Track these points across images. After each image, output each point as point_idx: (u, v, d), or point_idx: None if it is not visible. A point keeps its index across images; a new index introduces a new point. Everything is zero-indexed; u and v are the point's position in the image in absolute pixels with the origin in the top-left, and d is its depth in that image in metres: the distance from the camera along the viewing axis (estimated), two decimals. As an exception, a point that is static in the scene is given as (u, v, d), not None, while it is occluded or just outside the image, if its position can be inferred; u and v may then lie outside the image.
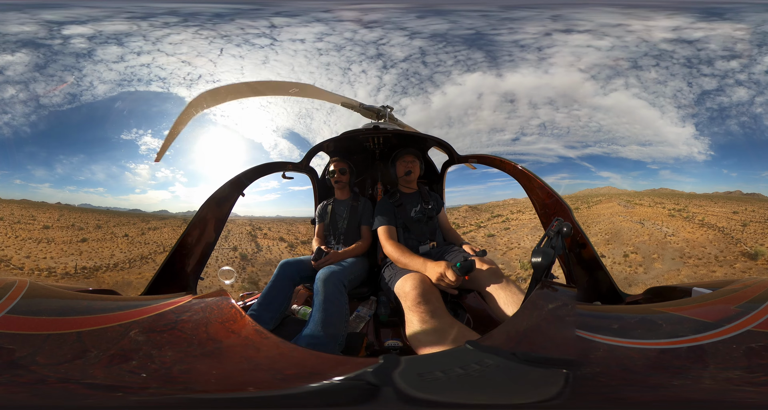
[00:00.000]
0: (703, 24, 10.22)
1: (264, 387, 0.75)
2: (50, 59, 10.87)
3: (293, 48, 12.09)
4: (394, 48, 12.04)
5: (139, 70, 11.97)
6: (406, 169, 2.25)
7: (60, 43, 10.70)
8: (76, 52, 10.93)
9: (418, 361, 0.86)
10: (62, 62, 10.94)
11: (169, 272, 2.03)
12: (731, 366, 0.79)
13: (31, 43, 10.41)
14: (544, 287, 1.07)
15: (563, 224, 1.35)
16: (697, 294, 1.24)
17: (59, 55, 10.85)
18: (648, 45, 10.62)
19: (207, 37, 11.07)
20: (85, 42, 10.88)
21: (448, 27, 11.19)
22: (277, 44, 11.92)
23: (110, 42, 10.92)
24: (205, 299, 1.03)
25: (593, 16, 10.64)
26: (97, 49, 11.09)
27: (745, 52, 9.89)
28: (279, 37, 11.68)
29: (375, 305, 2.15)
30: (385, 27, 11.31)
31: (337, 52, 12.36)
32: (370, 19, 11.24)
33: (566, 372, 0.74)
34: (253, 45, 11.68)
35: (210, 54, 11.45)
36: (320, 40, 12.10)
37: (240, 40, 11.50)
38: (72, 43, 10.81)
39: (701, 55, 10.74)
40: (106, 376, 0.76)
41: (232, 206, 2.42)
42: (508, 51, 11.79)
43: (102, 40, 10.76)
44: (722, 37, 10.22)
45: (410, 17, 11.13)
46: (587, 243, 1.98)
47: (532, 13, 10.83)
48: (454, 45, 11.76)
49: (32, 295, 1.01)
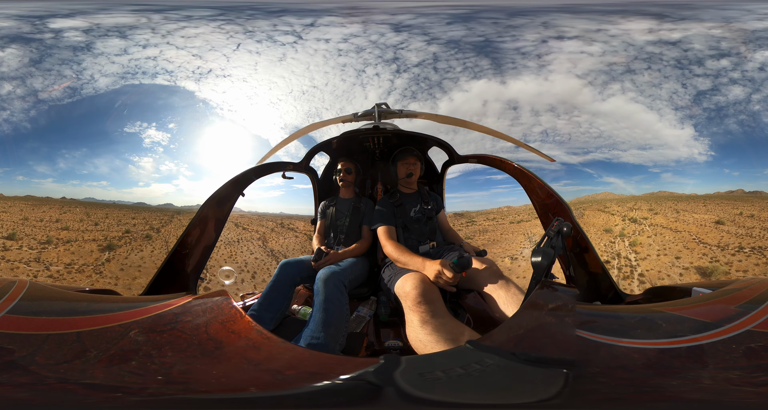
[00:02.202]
0: (669, 25, 10.25)
1: (264, 388, 0.75)
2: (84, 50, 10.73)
3: (315, 47, 11.96)
4: (411, 53, 12.00)
5: (163, 63, 11.86)
6: (407, 171, 2.24)
7: (81, 38, 10.62)
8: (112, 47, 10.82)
9: (419, 361, 0.86)
10: (102, 48, 10.79)
11: (169, 272, 2.03)
12: (731, 366, 0.79)
13: (19, 38, 10.32)
14: (544, 287, 1.07)
15: (563, 224, 1.35)
16: (697, 294, 1.24)
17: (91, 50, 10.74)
18: (635, 48, 10.64)
19: (228, 31, 10.96)
20: (118, 39, 10.79)
21: (464, 34, 11.18)
22: (300, 42, 11.79)
23: (140, 34, 10.82)
24: (205, 300, 1.03)
25: (574, 23, 10.67)
26: (129, 43, 10.99)
27: (739, 49, 9.90)
28: (306, 36, 11.57)
29: (375, 305, 2.15)
30: (412, 31, 11.28)
31: (356, 53, 12.29)
32: (404, 22, 11.19)
33: (566, 372, 0.74)
34: (275, 42, 11.56)
35: (225, 49, 11.32)
36: (345, 41, 12.02)
37: (264, 36, 11.39)
38: (102, 38, 10.71)
39: (689, 55, 10.74)
40: (105, 376, 0.76)
41: (233, 206, 2.42)
42: (511, 58, 11.76)
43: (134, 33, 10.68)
44: (703, 37, 10.24)
45: (441, 23, 11.11)
46: (587, 243, 1.98)
47: (527, 20, 10.87)
48: (465, 51, 11.74)
49: (32, 295, 1.01)
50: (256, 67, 11.86)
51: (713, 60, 10.80)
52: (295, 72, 12.40)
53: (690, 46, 10.55)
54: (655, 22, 10.36)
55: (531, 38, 11.03)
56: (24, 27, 10.14)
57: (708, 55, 10.78)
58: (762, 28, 10.01)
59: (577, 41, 10.68)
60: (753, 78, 10.98)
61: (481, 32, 11.21)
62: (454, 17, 11.09)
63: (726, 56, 10.75)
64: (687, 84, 11.42)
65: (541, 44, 11.00)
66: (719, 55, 10.72)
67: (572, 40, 10.73)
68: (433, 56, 11.83)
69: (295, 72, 12.40)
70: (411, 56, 12.08)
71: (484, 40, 11.30)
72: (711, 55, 10.77)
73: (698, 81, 11.30)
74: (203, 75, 11.76)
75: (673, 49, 10.62)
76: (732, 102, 11.56)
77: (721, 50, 10.61)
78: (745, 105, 11.52)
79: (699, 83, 11.37)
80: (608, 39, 10.52)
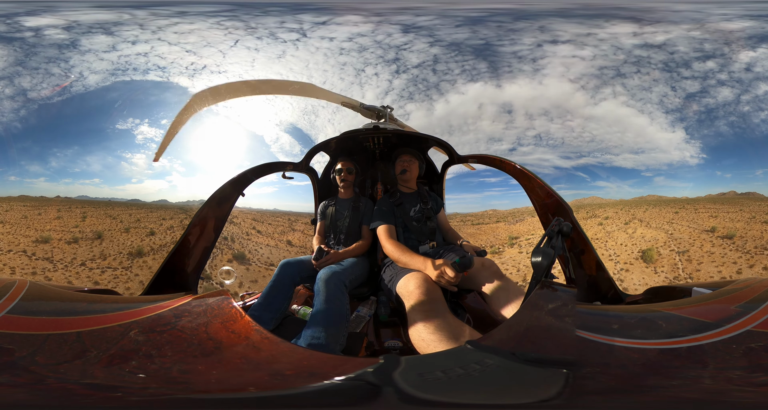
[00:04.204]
0: (650, 28, 10.25)
1: (264, 388, 0.75)
2: None
3: (317, 45, 11.88)
4: (413, 54, 11.96)
5: (157, 59, 11.76)
6: (401, 168, 2.26)
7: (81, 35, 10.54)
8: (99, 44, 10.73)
9: (419, 361, 0.86)
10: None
11: (169, 272, 2.03)
12: (731, 366, 0.79)
13: (7, 38, 10.25)
14: (544, 287, 1.07)
15: (563, 224, 1.35)
16: (697, 294, 1.24)
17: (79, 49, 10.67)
18: (624, 51, 10.66)
19: (228, 28, 10.87)
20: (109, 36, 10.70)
21: (467, 36, 11.15)
22: (303, 40, 11.70)
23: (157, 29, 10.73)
24: (205, 300, 1.03)
25: (565, 27, 10.68)
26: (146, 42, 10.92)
27: (733, 46, 9.90)
28: (310, 34, 11.48)
29: (375, 305, 2.15)
30: (420, 33, 11.24)
31: (358, 53, 12.24)
32: (417, 23, 11.14)
33: (566, 372, 0.74)
34: (276, 39, 11.47)
35: (221, 45, 11.24)
36: (349, 40, 11.96)
37: (266, 33, 11.30)
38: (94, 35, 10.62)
39: (676, 58, 10.75)
40: (105, 376, 0.76)
41: (233, 206, 2.42)
42: (507, 62, 11.75)
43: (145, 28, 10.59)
44: (685, 39, 10.25)
45: (449, 25, 11.08)
46: (587, 243, 1.98)
47: (526, 24, 10.87)
48: (465, 54, 11.72)
49: (32, 295, 1.01)
50: (254, 63, 11.79)
51: (699, 62, 10.82)
52: (293, 70, 12.34)
53: (675, 49, 10.57)
54: (637, 25, 10.39)
55: (528, 42, 11.05)
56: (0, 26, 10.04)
57: (693, 57, 10.80)
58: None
59: (570, 45, 10.72)
60: (741, 79, 11.00)
61: (484, 35, 11.19)
62: (466, 20, 11.05)
63: (712, 58, 10.78)
64: (676, 87, 11.45)
65: (537, 48, 11.02)
66: (705, 57, 10.75)
67: (565, 45, 10.76)
68: (434, 58, 11.82)
69: (293, 70, 12.34)
70: (412, 57, 12.07)
71: (484, 43, 11.29)
72: (697, 57, 10.79)
73: (687, 83, 11.33)
74: (197, 71, 11.68)
75: (660, 52, 10.64)
76: (722, 104, 11.58)
77: (705, 52, 10.64)
78: (734, 106, 11.53)
79: (688, 86, 11.39)
80: (598, 43, 10.55)
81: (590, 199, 13.29)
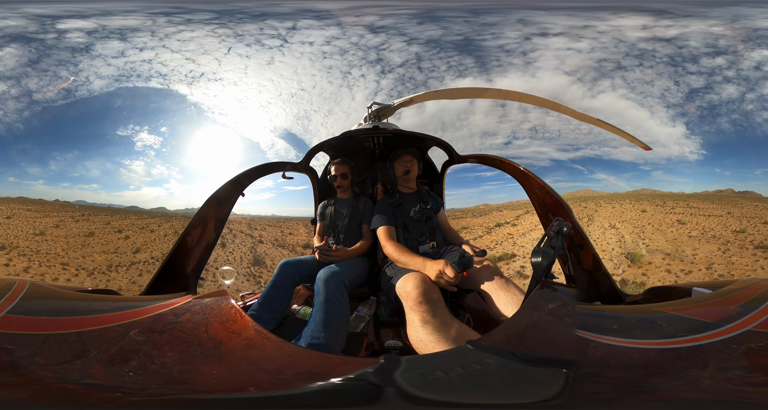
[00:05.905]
0: (668, 21, 10.26)
1: (264, 388, 0.75)
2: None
3: (300, 50, 12.12)
4: (393, 53, 12.11)
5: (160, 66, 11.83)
6: (404, 168, 2.25)
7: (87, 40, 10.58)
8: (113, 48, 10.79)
9: (419, 361, 0.86)
10: None
11: (169, 272, 2.03)
12: (731, 366, 0.79)
13: (21, 37, 10.27)
14: (544, 287, 1.07)
15: (563, 224, 1.35)
16: (697, 294, 1.24)
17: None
18: (627, 45, 10.69)
19: (221, 35, 11.04)
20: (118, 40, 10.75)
21: (441, 33, 11.26)
22: (286, 46, 11.92)
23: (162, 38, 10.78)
24: (205, 300, 1.03)
25: (556, 20, 10.74)
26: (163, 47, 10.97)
27: (737, 47, 9.93)
28: (291, 39, 11.69)
29: (375, 305, 2.15)
30: (389, 32, 11.37)
31: (341, 56, 12.42)
32: (380, 23, 11.27)
33: (566, 372, 0.74)
34: (263, 45, 11.69)
35: (216, 53, 11.41)
36: (328, 44, 12.15)
37: (252, 40, 11.50)
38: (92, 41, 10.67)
39: (684, 53, 10.77)
40: (106, 376, 0.76)
41: (232, 206, 2.42)
42: (495, 56, 11.90)
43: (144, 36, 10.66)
44: (701, 34, 10.25)
45: (412, 23, 11.18)
46: (587, 243, 1.98)
47: (500, 17, 10.95)
48: (447, 51, 11.84)
49: (32, 295, 1.01)
50: (246, 70, 11.91)
51: (708, 58, 10.86)
52: (283, 75, 12.46)
53: (685, 43, 10.60)
54: (651, 18, 10.43)
55: (513, 36, 11.12)
56: (31, 26, 10.09)
57: (703, 53, 10.85)
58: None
59: (564, 38, 10.76)
60: (748, 77, 11.01)
61: (458, 31, 11.29)
62: (423, 17, 11.11)
63: (723, 54, 10.83)
64: (680, 82, 11.48)
65: (525, 41, 11.08)
66: (715, 53, 10.80)
67: (558, 37, 10.81)
68: (416, 56, 11.90)
69: (283, 75, 12.46)
70: (394, 57, 12.17)
71: (463, 39, 11.39)
72: (706, 53, 10.85)
73: (692, 79, 11.36)
74: (195, 78, 11.77)
75: (667, 46, 10.67)
76: (725, 101, 11.61)
77: (717, 48, 10.68)
78: (738, 104, 11.55)
79: (692, 81, 11.43)
80: (597, 35, 10.61)
81: (583, 192, 13.35)
